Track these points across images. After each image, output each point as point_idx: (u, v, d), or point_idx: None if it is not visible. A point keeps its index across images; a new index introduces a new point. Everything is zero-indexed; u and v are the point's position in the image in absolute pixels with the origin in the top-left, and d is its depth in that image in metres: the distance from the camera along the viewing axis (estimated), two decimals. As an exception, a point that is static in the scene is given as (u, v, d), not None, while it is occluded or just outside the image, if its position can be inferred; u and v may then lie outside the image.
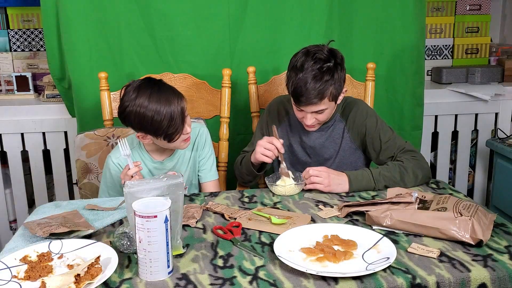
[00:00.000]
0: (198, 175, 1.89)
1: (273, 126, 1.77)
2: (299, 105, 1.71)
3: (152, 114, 1.58)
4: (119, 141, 1.65)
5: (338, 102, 1.77)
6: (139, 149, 1.78)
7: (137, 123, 1.62)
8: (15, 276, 1.15)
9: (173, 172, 1.84)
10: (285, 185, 1.64)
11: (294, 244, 1.25)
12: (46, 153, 2.65)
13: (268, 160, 1.72)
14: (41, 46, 2.82)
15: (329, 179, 1.63)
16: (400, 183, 1.65)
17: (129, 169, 1.62)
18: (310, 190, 1.66)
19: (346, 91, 1.78)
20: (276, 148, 1.69)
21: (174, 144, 1.69)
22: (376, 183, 1.65)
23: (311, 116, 1.72)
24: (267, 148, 1.70)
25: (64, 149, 2.63)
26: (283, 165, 1.70)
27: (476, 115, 2.83)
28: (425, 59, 2.68)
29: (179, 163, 1.82)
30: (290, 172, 1.69)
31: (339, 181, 1.64)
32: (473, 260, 1.17)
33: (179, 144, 1.70)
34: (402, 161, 1.71)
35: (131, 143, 1.79)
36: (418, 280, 1.10)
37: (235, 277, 1.13)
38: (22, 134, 2.59)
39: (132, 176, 1.61)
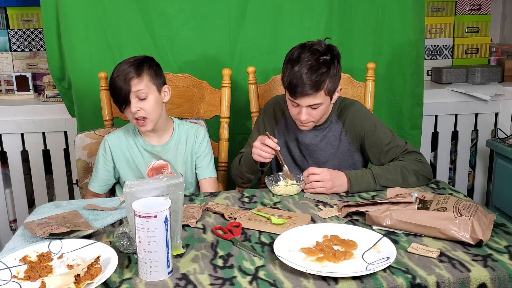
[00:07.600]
0: (196, 173, 1.90)
1: (266, 133, 1.73)
2: (294, 98, 1.67)
3: (112, 74, 1.76)
4: None
5: (333, 101, 1.74)
6: (134, 135, 1.84)
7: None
8: (15, 276, 1.15)
9: (171, 172, 1.85)
10: (287, 185, 1.64)
11: (294, 244, 1.25)
12: (46, 153, 2.65)
13: (266, 161, 1.71)
14: (41, 46, 2.82)
15: (332, 181, 1.62)
16: (402, 185, 1.64)
17: None
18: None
19: (341, 89, 1.76)
20: (271, 147, 1.66)
21: (129, 118, 1.78)
22: (377, 185, 1.64)
23: (306, 111, 1.68)
24: (263, 150, 1.68)
25: (64, 149, 2.63)
26: (285, 167, 1.70)
27: (476, 115, 2.83)
28: (425, 59, 2.67)
29: (171, 153, 1.85)
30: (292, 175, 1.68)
31: (340, 182, 1.63)
32: (473, 260, 1.17)
33: (130, 119, 1.77)
34: (405, 161, 1.69)
35: (126, 129, 1.87)
36: (418, 280, 1.10)
37: (235, 277, 1.13)
38: (22, 134, 2.59)
39: None
